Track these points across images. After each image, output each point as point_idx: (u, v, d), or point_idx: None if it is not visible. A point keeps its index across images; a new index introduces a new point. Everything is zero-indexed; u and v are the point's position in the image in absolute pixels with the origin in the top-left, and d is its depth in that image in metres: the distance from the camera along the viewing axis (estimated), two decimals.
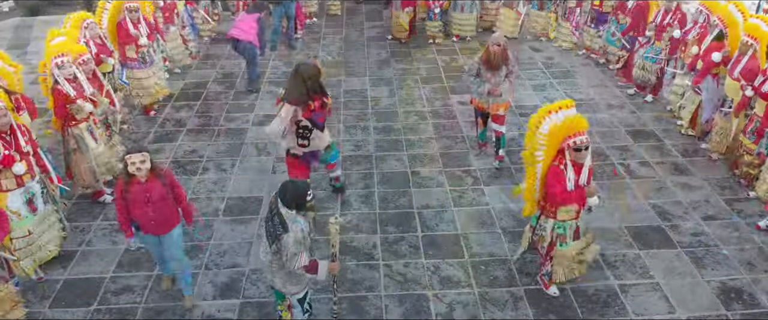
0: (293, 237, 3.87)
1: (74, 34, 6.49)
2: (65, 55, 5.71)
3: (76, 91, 5.75)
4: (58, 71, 5.67)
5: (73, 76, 5.78)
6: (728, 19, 6.84)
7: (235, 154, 7.27)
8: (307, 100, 5.48)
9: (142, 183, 4.37)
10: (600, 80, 9.21)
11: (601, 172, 6.80)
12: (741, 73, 6.38)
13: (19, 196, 4.98)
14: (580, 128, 4.33)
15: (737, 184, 6.50)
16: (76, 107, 5.75)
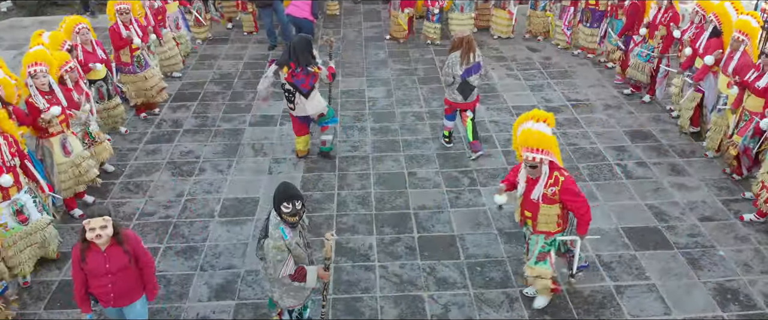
0: (272, 243, 3.77)
1: (58, 41, 6.28)
2: (40, 64, 5.45)
3: (50, 103, 5.50)
4: (30, 81, 5.43)
5: (47, 87, 5.52)
6: (724, 17, 6.83)
7: (231, 155, 7.26)
8: (286, 62, 6.20)
9: (102, 251, 3.81)
10: (597, 80, 9.20)
11: (598, 173, 6.79)
12: (735, 70, 6.39)
13: (6, 208, 4.88)
14: (530, 144, 4.27)
15: (734, 184, 6.49)
16: (47, 117, 5.46)
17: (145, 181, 6.72)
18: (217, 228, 5.94)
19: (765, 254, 5.48)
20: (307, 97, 6.31)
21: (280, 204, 3.76)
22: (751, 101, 6.09)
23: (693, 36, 7.30)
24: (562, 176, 4.32)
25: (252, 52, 10.52)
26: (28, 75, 5.44)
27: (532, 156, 4.24)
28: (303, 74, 6.20)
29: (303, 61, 6.19)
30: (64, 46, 6.39)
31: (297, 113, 6.54)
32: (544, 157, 4.24)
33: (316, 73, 6.32)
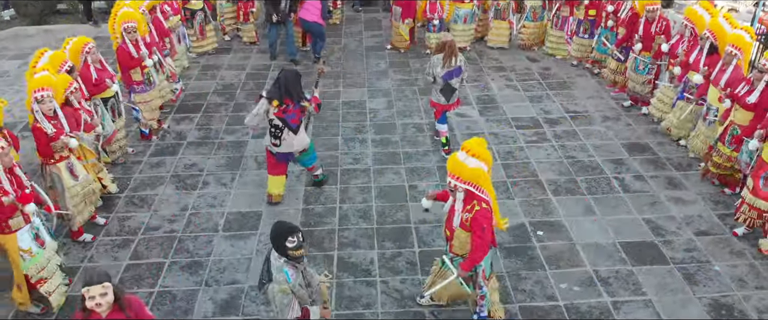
0: (278, 288, 3.78)
1: (58, 62, 6.22)
2: (46, 89, 5.47)
3: (56, 127, 5.56)
4: (37, 106, 5.46)
5: (52, 112, 5.56)
6: (719, 33, 6.92)
7: (234, 168, 7.37)
8: (278, 98, 5.97)
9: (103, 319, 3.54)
10: (596, 91, 9.31)
11: (596, 186, 6.89)
12: (727, 83, 6.51)
13: (27, 234, 4.95)
14: (451, 170, 4.45)
15: (729, 199, 6.59)
16: (59, 145, 5.53)
17: (150, 195, 6.82)
18: (221, 243, 6.04)
19: (760, 269, 5.59)
20: (296, 132, 6.15)
21: (284, 240, 3.76)
22: (739, 115, 6.21)
23: (686, 49, 7.41)
24: (478, 206, 4.45)
25: (254, 62, 10.63)
26: (35, 100, 5.44)
27: (450, 180, 4.46)
28: (294, 109, 6.04)
29: (295, 95, 6.01)
30: (64, 66, 6.26)
31: (282, 149, 6.23)
32: (460, 185, 4.40)
33: (306, 108, 6.16)
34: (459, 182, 4.40)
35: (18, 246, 4.88)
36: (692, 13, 7.45)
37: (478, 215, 4.42)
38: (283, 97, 5.97)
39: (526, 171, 7.23)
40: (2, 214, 4.76)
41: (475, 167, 4.39)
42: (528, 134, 8.08)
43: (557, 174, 7.15)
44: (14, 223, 4.86)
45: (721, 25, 6.93)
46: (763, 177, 5.55)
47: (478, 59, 10.65)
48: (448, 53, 6.97)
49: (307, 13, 10.05)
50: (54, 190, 5.74)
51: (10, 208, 4.78)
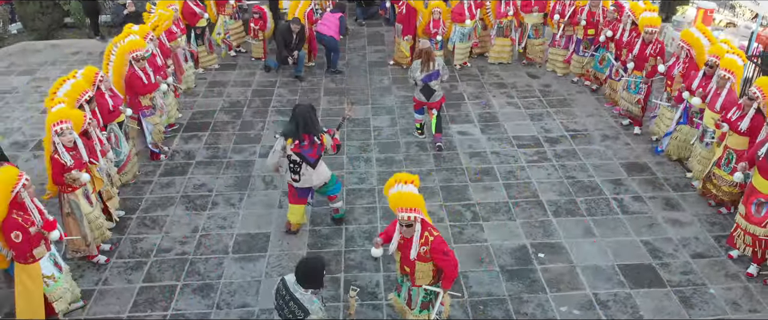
0: (318, 316, 4.09)
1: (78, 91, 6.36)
2: (65, 122, 5.65)
3: (75, 159, 5.74)
4: (57, 139, 5.63)
5: (72, 144, 5.75)
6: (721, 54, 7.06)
7: (243, 188, 7.55)
8: (296, 135, 6.03)
9: None
10: (595, 109, 9.49)
11: (595, 208, 7.07)
12: (722, 107, 6.69)
13: (47, 260, 5.15)
14: (403, 205, 4.56)
15: (725, 220, 6.77)
16: (72, 177, 5.69)
17: (161, 216, 7.00)
18: (231, 265, 6.22)
19: (753, 292, 5.77)
20: (314, 167, 6.18)
21: (321, 276, 4.13)
22: (733, 139, 6.40)
23: (682, 70, 7.59)
24: (431, 236, 4.64)
25: (260, 78, 10.81)
26: (55, 133, 5.60)
27: (407, 215, 4.55)
28: (310, 144, 6.06)
29: (312, 130, 6.04)
30: (84, 96, 6.38)
31: (301, 185, 6.25)
32: (417, 215, 4.56)
33: (324, 144, 6.14)
34: (416, 213, 4.56)
35: (42, 273, 5.07)
36: (688, 36, 7.62)
37: (434, 245, 4.63)
38: (301, 134, 5.99)
39: (527, 191, 7.41)
40: (29, 244, 4.95)
41: (417, 193, 4.63)
42: (529, 153, 8.26)
43: (558, 194, 7.33)
44: (38, 252, 5.07)
45: (720, 47, 7.09)
46: (755, 204, 5.72)
47: (480, 75, 10.84)
48: (425, 59, 7.73)
49: (324, 27, 10.51)
50: (72, 217, 5.91)
51: (36, 237, 4.99)
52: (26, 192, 4.97)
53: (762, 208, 5.70)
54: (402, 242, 4.75)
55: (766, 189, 5.66)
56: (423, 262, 4.75)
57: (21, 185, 4.92)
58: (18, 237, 4.93)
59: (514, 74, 10.85)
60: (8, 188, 4.90)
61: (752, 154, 5.82)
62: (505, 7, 10.50)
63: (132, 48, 7.55)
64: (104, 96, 6.95)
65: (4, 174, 4.91)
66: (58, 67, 11.49)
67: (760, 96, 6.12)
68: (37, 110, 9.67)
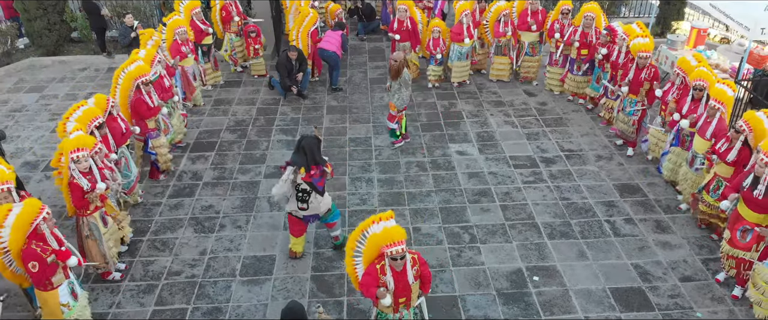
0: None
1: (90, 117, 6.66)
2: (82, 149, 5.97)
3: (90, 182, 6.07)
4: (74, 165, 5.96)
5: (88, 169, 6.07)
6: (711, 80, 7.33)
7: (249, 210, 7.82)
8: (305, 165, 6.28)
9: None
10: (590, 128, 9.76)
11: (588, 230, 7.34)
12: (712, 134, 6.98)
13: (65, 288, 5.43)
14: (396, 239, 4.80)
15: (713, 243, 7.05)
16: (93, 196, 6.04)
17: (171, 239, 7.28)
18: (239, 289, 6.50)
19: (738, 315, 6.04)
20: (322, 194, 6.47)
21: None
22: (721, 168, 6.68)
23: (677, 96, 7.86)
24: (413, 254, 5.00)
25: (264, 96, 11.08)
26: (72, 160, 5.92)
27: (401, 247, 4.81)
28: (319, 173, 6.36)
29: (319, 160, 6.33)
30: (95, 121, 6.69)
31: (309, 212, 6.52)
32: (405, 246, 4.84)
33: (327, 172, 6.43)
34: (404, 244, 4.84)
35: (59, 301, 5.34)
36: (684, 63, 7.88)
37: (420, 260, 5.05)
38: (310, 165, 6.27)
39: (523, 213, 7.68)
40: (45, 274, 5.23)
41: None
42: (525, 174, 8.54)
43: (553, 216, 7.60)
44: (56, 280, 5.35)
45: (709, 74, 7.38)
46: (740, 230, 5.99)
47: (478, 93, 11.10)
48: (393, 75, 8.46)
49: (327, 43, 10.95)
50: (91, 238, 6.24)
51: (53, 266, 5.26)
52: (46, 224, 5.24)
53: (747, 235, 5.97)
54: (395, 277, 4.95)
55: (750, 218, 5.93)
56: (415, 281, 5.05)
57: (41, 218, 5.21)
58: (35, 267, 5.23)
59: (512, 92, 11.11)
60: (29, 220, 5.19)
61: (737, 184, 6.09)
62: (504, 27, 10.76)
63: (139, 74, 7.83)
64: (117, 120, 7.26)
65: (27, 207, 5.20)
66: (66, 83, 11.76)
67: (747, 130, 6.40)
68: (47, 129, 9.94)
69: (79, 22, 12.92)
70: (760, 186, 5.76)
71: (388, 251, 4.84)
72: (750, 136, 6.46)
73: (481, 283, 6.53)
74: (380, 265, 4.94)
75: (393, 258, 4.86)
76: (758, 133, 6.45)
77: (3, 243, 5.16)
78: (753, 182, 5.86)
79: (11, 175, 5.79)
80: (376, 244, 4.92)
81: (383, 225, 4.89)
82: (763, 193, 5.74)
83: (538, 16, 10.65)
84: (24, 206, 5.20)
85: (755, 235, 5.87)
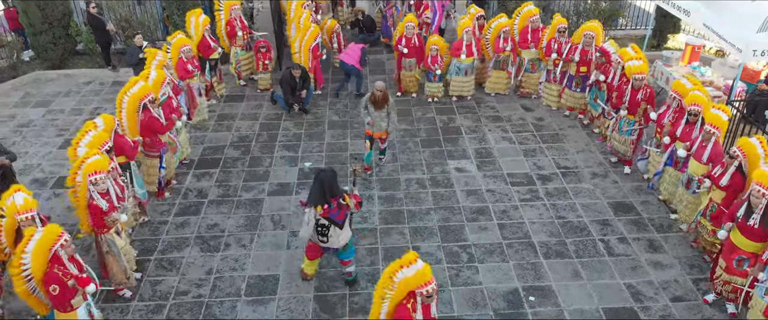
0: None
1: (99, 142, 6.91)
2: (100, 172, 6.26)
3: (108, 203, 6.38)
4: (92, 188, 6.26)
5: (105, 190, 6.38)
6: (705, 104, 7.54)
7: (253, 228, 8.03)
8: (325, 201, 6.27)
9: None
10: (586, 144, 9.97)
11: (583, 249, 7.56)
12: (709, 159, 7.19)
13: (83, 310, 5.70)
14: (428, 279, 4.99)
15: (704, 263, 7.27)
16: (111, 219, 6.35)
17: (177, 258, 7.50)
18: (244, 309, 6.71)
19: None
20: (342, 227, 6.45)
21: None
22: (716, 193, 6.88)
23: (672, 119, 8.07)
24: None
25: (266, 111, 11.29)
26: (90, 183, 6.26)
27: (433, 286, 5.02)
28: (338, 207, 6.32)
29: (337, 193, 6.30)
30: (105, 146, 6.92)
31: (328, 245, 6.52)
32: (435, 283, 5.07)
33: (348, 205, 6.41)
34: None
35: None
36: (680, 86, 8.09)
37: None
38: (329, 199, 6.24)
39: (520, 232, 7.90)
40: (66, 296, 5.52)
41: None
42: (522, 191, 8.75)
43: (548, 235, 7.82)
44: (76, 302, 5.64)
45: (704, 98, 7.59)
46: (736, 260, 6.20)
47: (476, 108, 11.32)
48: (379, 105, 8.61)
49: (347, 56, 11.51)
50: (110, 254, 6.54)
51: (73, 290, 5.53)
52: (64, 251, 5.49)
53: (743, 264, 6.18)
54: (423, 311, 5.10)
55: (746, 247, 6.15)
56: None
57: (58, 245, 5.45)
58: (55, 290, 5.49)
59: (509, 107, 11.33)
60: (48, 246, 5.48)
61: (732, 213, 6.29)
62: (504, 43, 10.97)
63: (143, 94, 8.04)
64: (123, 137, 7.55)
65: (46, 233, 5.47)
66: (72, 97, 11.97)
67: (740, 155, 6.62)
68: (54, 145, 10.15)
69: (84, 36, 13.10)
70: (754, 215, 5.97)
71: (423, 291, 5.01)
72: (744, 162, 6.67)
73: (478, 304, 6.75)
74: (411, 304, 5.07)
75: (428, 295, 5.04)
76: (752, 158, 6.67)
77: (26, 270, 5.42)
78: (747, 212, 6.07)
79: (33, 203, 6.02)
80: (408, 287, 5.05)
81: (414, 269, 4.99)
82: (758, 222, 5.94)
83: (538, 34, 10.85)
84: (43, 232, 5.45)
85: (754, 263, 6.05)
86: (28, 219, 5.91)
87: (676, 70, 10.90)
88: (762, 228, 5.94)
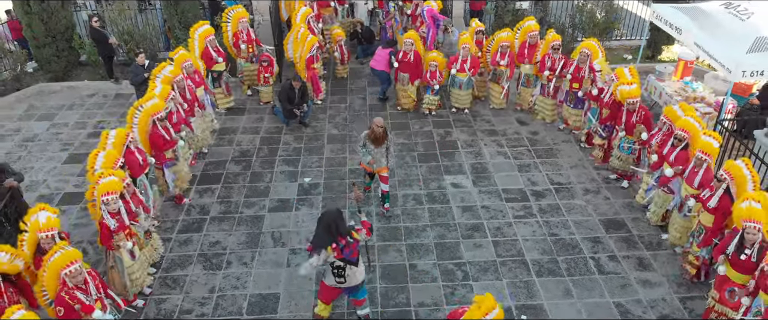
0: None
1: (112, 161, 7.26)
2: (112, 193, 6.64)
3: (118, 222, 6.76)
4: (104, 207, 6.65)
5: (117, 210, 6.74)
6: (694, 134, 7.76)
7: (254, 246, 8.26)
8: (331, 242, 6.08)
9: None
10: (579, 160, 10.19)
11: (574, 267, 7.79)
12: (700, 184, 7.41)
13: None
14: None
15: (691, 282, 7.50)
16: (117, 241, 6.77)
17: (181, 276, 7.73)
18: None
19: None
20: (356, 265, 6.37)
21: None
22: (704, 217, 7.10)
23: (660, 141, 8.28)
24: None
25: (267, 124, 11.49)
26: (103, 203, 6.64)
27: None
28: (347, 245, 6.17)
29: (344, 232, 6.13)
30: (117, 164, 7.27)
31: (347, 284, 6.41)
32: None
33: (359, 240, 6.25)
34: None
35: None
36: (671, 112, 8.28)
37: None
38: (337, 239, 6.08)
39: (513, 249, 8.13)
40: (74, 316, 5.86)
41: None
42: (516, 208, 8.98)
43: (541, 253, 8.06)
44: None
45: (695, 126, 7.79)
46: (728, 291, 6.44)
47: (473, 121, 11.54)
48: (378, 141, 8.33)
49: (377, 63, 12.01)
50: (115, 269, 6.92)
51: (77, 314, 5.86)
52: (70, 280, 5.75)
53: (735, 295, 6.40)
54: None
55: (737, 279, 6.37)
56: None
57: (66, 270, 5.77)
58: (60, 312, 5.80)
59: (505, 120, 11.54)
60: (57, 270, 5.81)
61: (723, 247, 6.49)
62: (501, 58, 11.19)
63: (154, 111, 8.39)
64: (134, 153, 7.83)
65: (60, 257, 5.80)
66: (76, 110, 12.18)
67: (728, 178, 6.84)
68: (59, 160, 10.38)
69: (87, 49, 13.30)
70: (747, 250, 6.20)
71: None
72: (731, 184, 6.90)
73: None
74: None
75: None
76: (739, 181, 6.89)
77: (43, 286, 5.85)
78: (738, 247, 6.29)
79: (55, 222, 6.38)
80: None
81: (494, 315, 4.86)
82: (755, 257, 6.15)
83: (535, 49, 11.06)
84: (59, 255, 5.81)
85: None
86: (48, 238, 6.27)
87: (669, 85, 11.11)
88: (752, 262, 6.16)
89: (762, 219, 6.10)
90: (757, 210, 6.13)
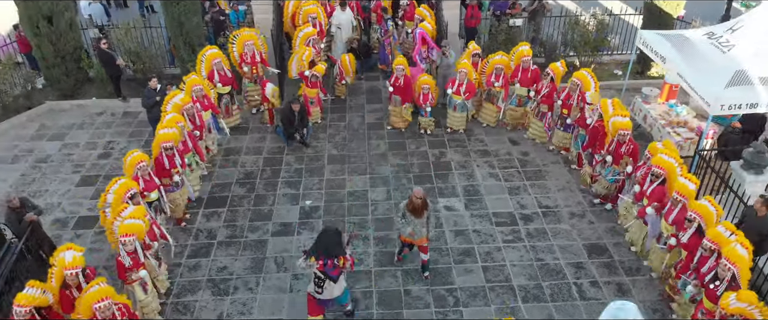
0: None
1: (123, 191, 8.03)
2: (130, 235, 7.24)
3: (133, 260, 7.36)
4: (121, 246, 7.25)
5: (133, 250, 7.34)
6: (671, 173, 8.28)
7: (258, 271, 8.82)
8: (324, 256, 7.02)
9: None
10: (567, 182, 10.72)
11: (558, 293, 8.35)
12: (674, 221, 7.94)
13: None
14: None
15: (667, 308, 8.07)
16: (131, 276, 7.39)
17: (191, 302, 8.29)
18: None
19: None
20: (335, 282, 7.15)
21: None
22: (677, 251, 7.67)
23: (643, 175, 8.79)
24: None
25: (269, 144, 11.99)
26: (121, 243, 7.25)
27: None
28: (333, 266, 7.01)
29: (332, 253, 6.98)
30: (128, 194, 7.96)
31: (323, 296, 7.24)
32: None
33: (343, 266, 7.08)
34: None
35: None
36: (653, 148, 8.79)
37: None
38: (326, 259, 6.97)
39: (501, 275, 8.69)
40: None
41: None
42: (505, 232, 9.52)
43: (527, 278, 8.61)
44: None
45: (673, 165, 8.30)
46: (700, 312, 7.04)
47: (467, 141, 12.03)
48: (418, 213, 7.96)
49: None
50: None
51: None
52: (101, 314, 6.41)
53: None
54: None
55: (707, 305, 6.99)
56: None
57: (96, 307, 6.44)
58: None
59: (498, 140, 12.03)
60: (89, 304, 6.48)
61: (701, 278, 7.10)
62: (496, 79, 11.68)
63: (164, 140, 9.03)
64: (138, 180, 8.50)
65: (93, 292, 6.49)
66: (86, 130, 12.68)
67: (697, 218, 7.40)
68: (72, 183, 10.91)
69: (96, 69, 13.76)
70: (717, 281, 6.83)
71: None
72: (702, 221, 7.45)
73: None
74: None
75: None
76: (707, 218, 7.46)
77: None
78: (712, 279, 6.89)
79: (80, 261, 6.99)
80: None
81: None
82: (721, 290, 6.76)
83: (528, 74, 11.54)
84: (93, 291, 6.49)
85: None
86: (73, 275, 6.90)
87: (654, 108, 11.59)
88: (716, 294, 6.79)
89: (739, 263, 6.64)
90: (736, 252, 6.68)
